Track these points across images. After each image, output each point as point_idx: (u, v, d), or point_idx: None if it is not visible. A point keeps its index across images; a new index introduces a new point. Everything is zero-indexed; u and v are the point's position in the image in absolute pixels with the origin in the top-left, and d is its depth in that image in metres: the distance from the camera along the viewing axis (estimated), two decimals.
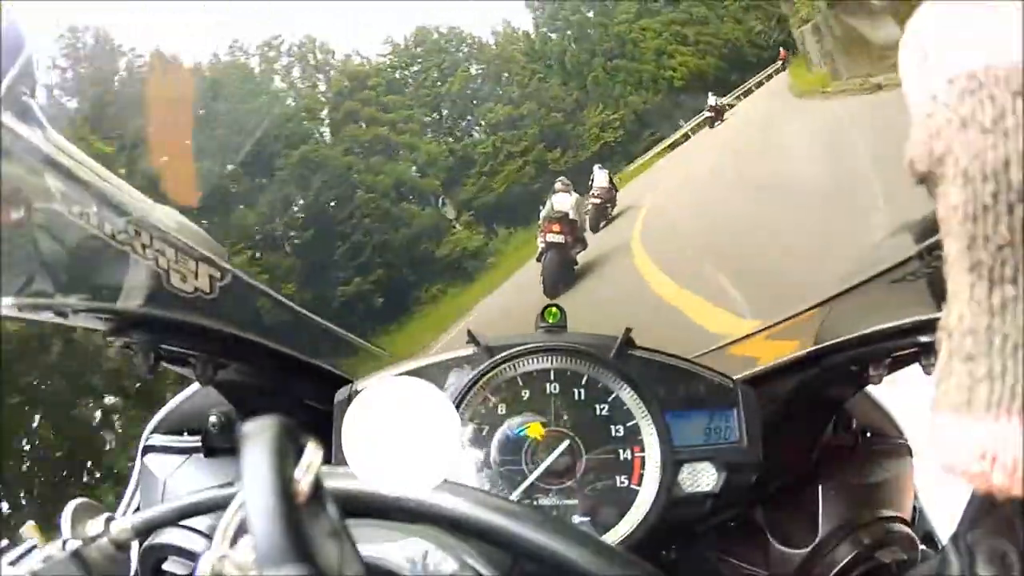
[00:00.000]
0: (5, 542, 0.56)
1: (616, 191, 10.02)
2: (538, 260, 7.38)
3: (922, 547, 0.88)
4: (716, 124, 13.38)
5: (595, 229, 9.31)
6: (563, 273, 7.11)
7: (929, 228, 0.60)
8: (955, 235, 0.26)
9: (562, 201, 7.35)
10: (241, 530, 0.34)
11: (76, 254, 0.62)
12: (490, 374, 0.84)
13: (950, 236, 0.27)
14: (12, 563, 0.53)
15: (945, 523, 0.93)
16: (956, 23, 0.27)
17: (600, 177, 9.88)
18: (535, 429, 0.83)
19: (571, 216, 7.16)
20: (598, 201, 9.54)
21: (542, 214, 7.35)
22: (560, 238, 7.07)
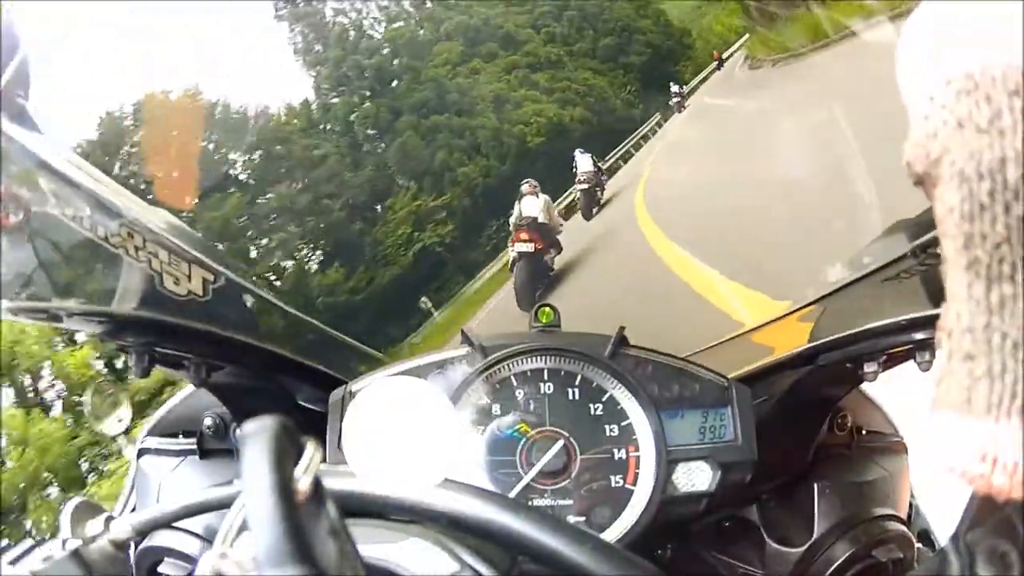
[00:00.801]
0: (5, 542, 0.55)
1: (603, 174, 9.57)
2: (510, 271, 7.15)
3: (918, 545, 0.89)
4: (682, 110, 12.33)
5: (588, 216, 8.90)
6: (536, 283, 6.84)
7: (922, 226, 0.60)
8: (952, 235, 0.26)
9: (530, 205, 6.92)
10: (242, 529, 0.34)
11: (71, 257, 0.62)
12: (484, 374, 0.84)
13: (947, 236, 0.27)
14: (12, 563, 0.52)
15: (944, 521, 0.94)
16: (952, 24, 0.27)
17: (583, 162, 9.22)
18: (529, 429, 0.83)
19: (540, 220, 6.88)
20: (586, 186, 8.82)
21: (511, 221, 7.04)
22: (529, 246, 6.71)
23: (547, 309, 0.91)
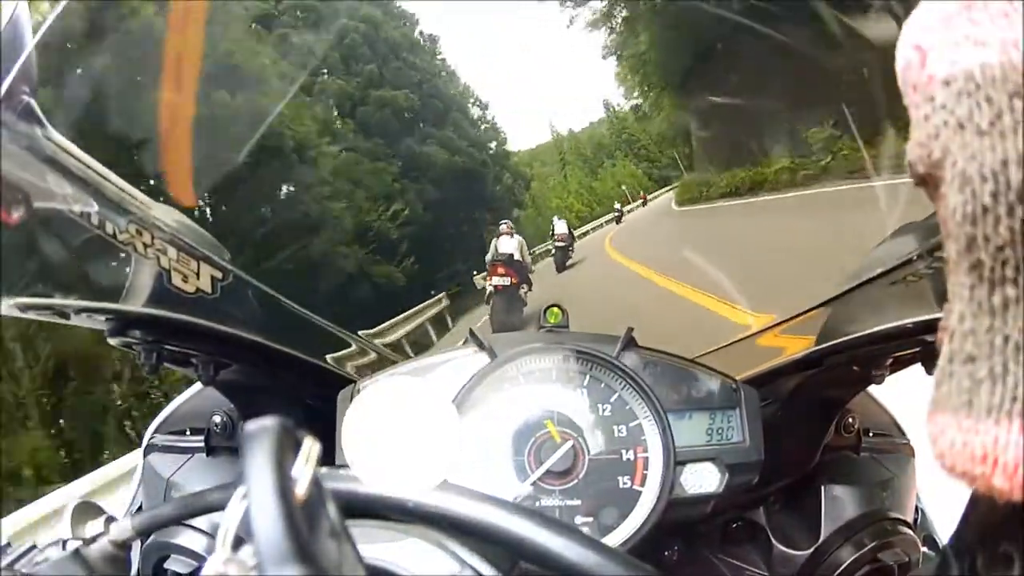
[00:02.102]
0: (5, 542, 0.55)
1: (574, 237, 10.65)
2: (486, 303, 7.51)
3: (924, 549, 0.88)
4: (620, 223, 13.33)
5: (560, 270, 9.96)
6: (512, 316, 7.23)
7: (930, 229, 0.60)
8: (955, 237, 0.26)
9: (506, 244, 7.35)
10: (240, 529, 0.34)
11: (78, 254, 0.62)
12: (492, 374, 0.84)
13: (950, 238, 0.27)
14: (12, 563, 0.53)
15: (947, 524, 0.93)
16: (953, 23, 0.27)
17: (560, 226, 10.40)
18: (537, 430, 0.83)
19: (516, 257, 7.32)
20: (562, 244, 10.09)
21: (487, 258, 7.47)
22: (506, 280, 7.10)
23: (555, 309, 0.91)
